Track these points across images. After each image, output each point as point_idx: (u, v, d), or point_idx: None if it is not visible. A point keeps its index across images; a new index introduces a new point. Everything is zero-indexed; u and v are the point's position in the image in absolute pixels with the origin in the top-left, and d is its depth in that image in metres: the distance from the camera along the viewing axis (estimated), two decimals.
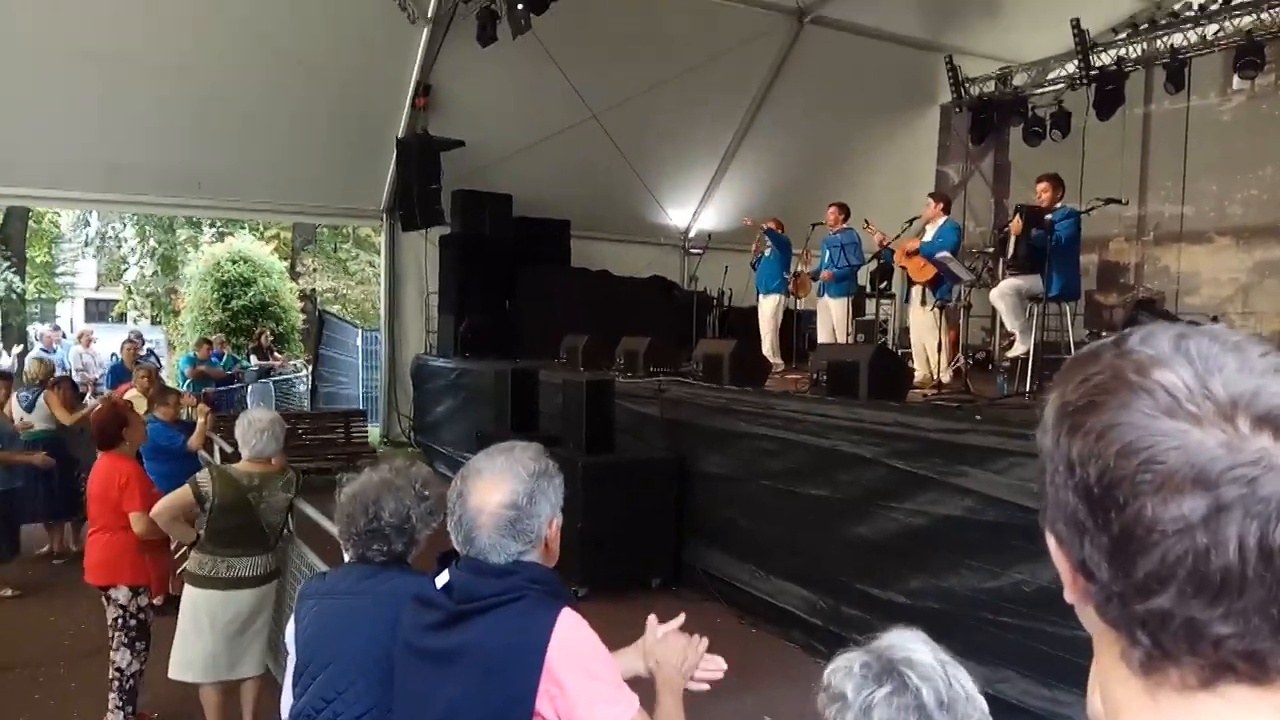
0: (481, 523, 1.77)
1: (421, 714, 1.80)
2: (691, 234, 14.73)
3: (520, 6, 9.56)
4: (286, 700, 2.29)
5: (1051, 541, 0.62)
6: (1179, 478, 0.53)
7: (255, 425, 3.92)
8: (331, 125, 11.27)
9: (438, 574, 1.86)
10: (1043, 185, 6.94)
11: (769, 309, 9.74)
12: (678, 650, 1.89)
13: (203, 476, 3.96)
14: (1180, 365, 0.56)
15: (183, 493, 3.93)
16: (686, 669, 1.89)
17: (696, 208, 14.64)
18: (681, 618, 1.97)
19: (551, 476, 1.84)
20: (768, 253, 9.70)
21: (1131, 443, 0.55)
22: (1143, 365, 0.57)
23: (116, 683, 4.27)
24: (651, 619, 1.96)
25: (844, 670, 1.32)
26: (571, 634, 1.73)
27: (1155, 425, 0.55)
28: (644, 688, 1.84)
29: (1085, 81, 11.46)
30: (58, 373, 8.80)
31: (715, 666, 1.93)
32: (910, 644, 1.34)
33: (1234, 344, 0.58)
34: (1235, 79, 10.80)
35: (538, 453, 1.86)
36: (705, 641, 1.93)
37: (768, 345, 9.43)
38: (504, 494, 1.77)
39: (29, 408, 7.56)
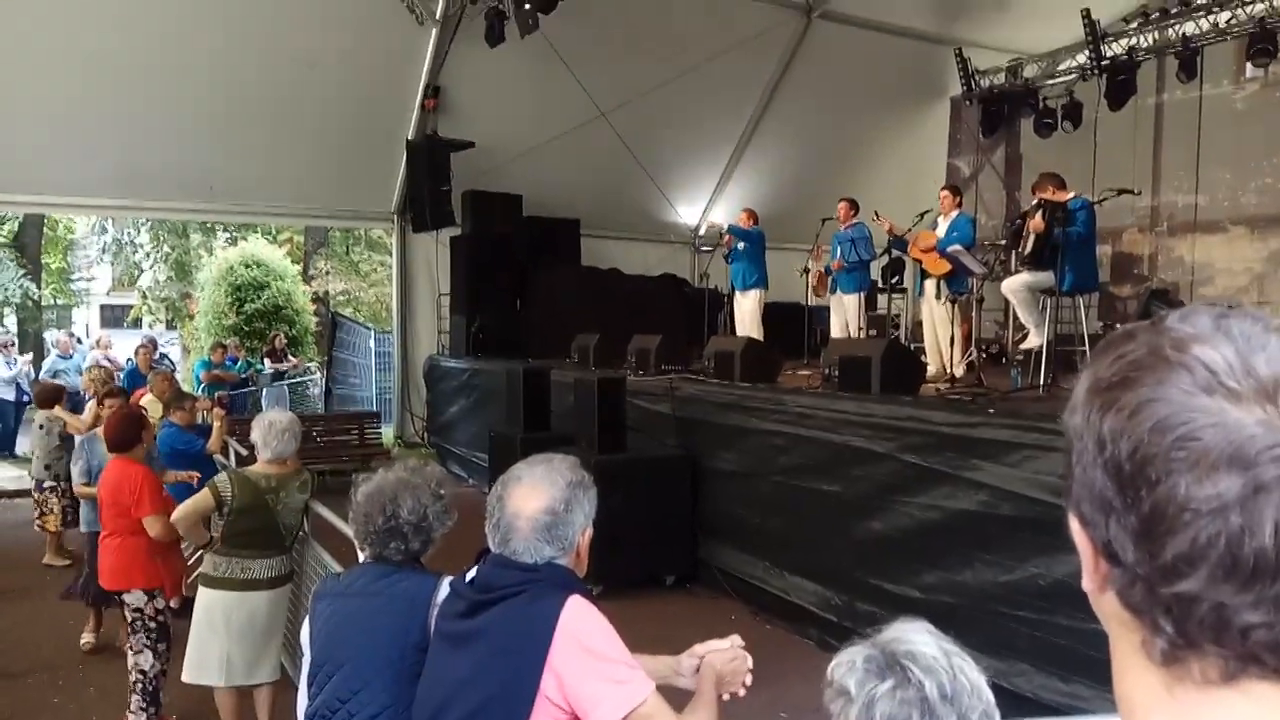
0: (519, 526, 1.85)
1: (436, 689, 1.89)
2: (702, 231, 14.70)
3: (528, 6, 9.57)
4: (302, 701, 2.32)
5: (1074, 524, 0.60)
6: (1215, 456, 0.51)
7: (276, 427, 3.94)
8: (342, 128, 11.31)
9: (471, 568, 1.98)
10: (1040, 185, 6.81)
11: (748, 306, 9.57)
12: (731, 658, 2.01)
13: (221, 480, 3.98)
14: (1221, 342, 0.54)
15: (203, 497, 3.94)
16: (733, 670, 1.99)
17: (706, 205, 14.62)
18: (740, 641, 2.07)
19: (587, 488, 1.93)
20: (740, 247, 9.58)
21: (1166, 418, 0.53)
22: (1181, 341, 0.55)
23: (140, 685, 4.29)
24: (695, 646, 2.06)
25: (847, 665, 1.32)
26: (576, 619, 1.78)
27: (1192, 402, 0.53)
28: (673, 697, 1.88)
29: (1096, 72, 11.37)
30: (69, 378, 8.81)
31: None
32: (914, 636, 1.34)
33: (1277, 326, 0.56)
34: (1249, 67, 10.69)
35: (575, 464, 1.96)
36: (750, 659, 2.03)
37: None
38: (542, 500, 1.86)
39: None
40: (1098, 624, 0.63)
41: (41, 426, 7.30)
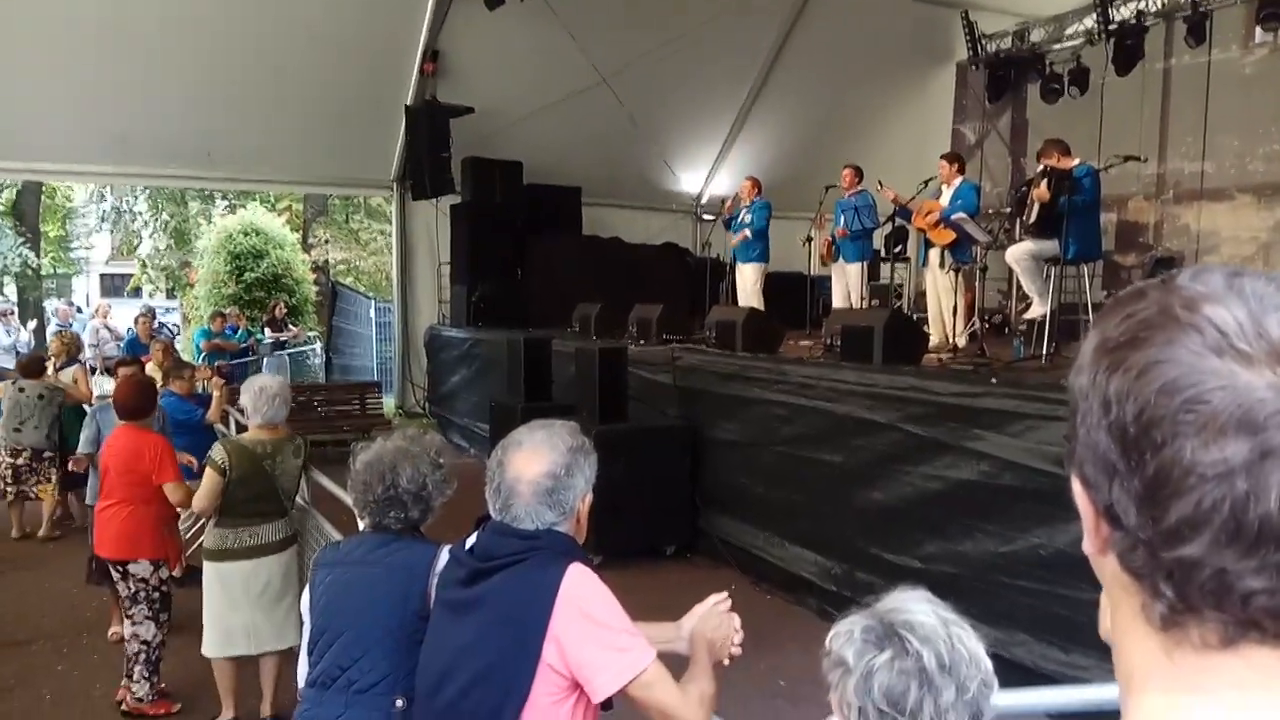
0: (520, 490, 1.85)
1: (438, 656, 1.91)
2: (704, 200, 14.61)
3: None
4: (303, 668, 2.33)
5: (1076, 485, 0.59)
6: (1223, 419, 0.50)
7: (266, 392, 3.93)
8: (340, 94, 11.19)
9: (470, 535, 1.99)
10: (1045, 152, 6.71)
11: (749, 277, 9.48)
12: (716, 624, 2.01)
13: (218, 452, 3.95)
14: (1233, 302, 0.53)
15: (210, 477, 3.91)
16: (722, 635, 1.99)
17: (709, 173, 14.52)
18: (724, 595, 2.07)
19: (588, 453, 1.93)
20: (746, 220, 9.45)
21: (1174, 380, 0.52)
22: (1192, 301, 0.54)
23: (143, 655, 4.30)
24: (695, 608, 2.06)
25: (845, 635, 1.32)
26: (578, 586, 1.79)
27: (1201, 363, 0.52)
28: (673, 664, 1.88)
29: (1104, 36, 11.23)
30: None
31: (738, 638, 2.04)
32: (912, 605, 1.33)
33: None
34: (1258, 31, 10.53)
35: (575, 430, 1.96)
36: (737, 619, 2.03)
37: None
38: (543, 464, 1.86)
39: None
40: (1098, 594, 0.62)
41: (42, 396, 7.25)
